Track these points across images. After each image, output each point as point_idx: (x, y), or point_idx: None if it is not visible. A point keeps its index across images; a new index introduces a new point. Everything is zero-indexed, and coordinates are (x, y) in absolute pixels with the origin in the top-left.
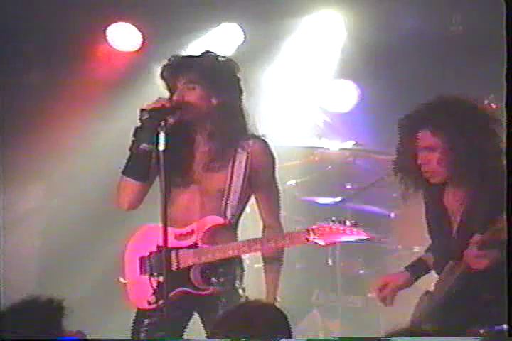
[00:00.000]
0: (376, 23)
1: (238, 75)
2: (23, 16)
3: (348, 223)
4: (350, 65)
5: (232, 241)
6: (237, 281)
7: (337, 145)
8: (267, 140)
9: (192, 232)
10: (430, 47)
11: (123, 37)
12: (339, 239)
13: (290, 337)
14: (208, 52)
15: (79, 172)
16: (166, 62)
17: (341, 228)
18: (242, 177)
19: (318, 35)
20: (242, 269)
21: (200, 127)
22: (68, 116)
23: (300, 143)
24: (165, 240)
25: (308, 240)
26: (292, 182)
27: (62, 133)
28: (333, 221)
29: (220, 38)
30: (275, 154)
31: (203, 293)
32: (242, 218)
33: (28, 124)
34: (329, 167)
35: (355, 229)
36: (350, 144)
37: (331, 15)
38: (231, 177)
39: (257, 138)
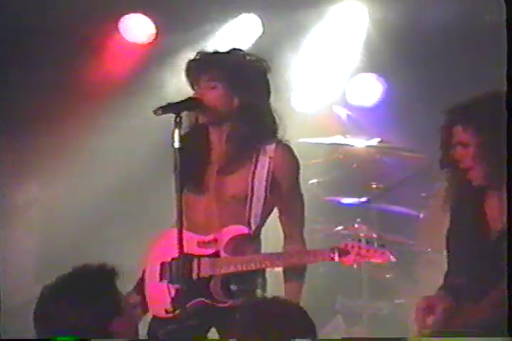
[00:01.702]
0: (403, 13)
1: (268, 76)
2: (31, 8)
3: (375, 244)
4: (375, 58)
5: (256, 252)
6: (259, 291)
7: (362, 142)
8: (291, 145)
9: (215, 240)
10: (462, 38)
11: (136, 28)
12: (365, 260)
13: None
14: (235, 49)
15: (89, 170)
16: (192, 57)
17: (369, 249)
18: (264, 183)
19: (342, 27)
20: (265, 278)
21: (218, 128)
22: (78, 111)
23: (323, 140)
24: (180, 245)
25: (333, 259)
26: (315, 181)
27: (73, 129)
28: (359, 240)
29: (238, 30)
30: (299, 160)
31: (221, 305)
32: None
33: (37, 120)
34: (354, 165)
35: (383, 252)
36: (376, 141)
37: (355, 5)
38: (252, 183)
39: (281, 142)
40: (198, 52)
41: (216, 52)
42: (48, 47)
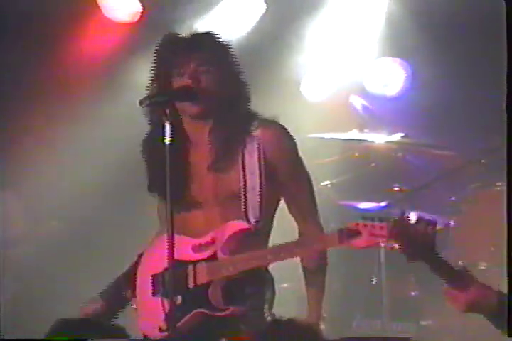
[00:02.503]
0: None
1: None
2: None
3: (384, 222)
4: (398, 40)
5: (260, 249)
6: (267, 306)
7: (383, 137)
8: (279, 122)
9: (212, 241)
10: (498, 19)
11: (119, 6)
12: (380, 241)
13: None
14: (209, 32)
15: (68, 163)
16: (164, 40)
17: (383, 226)
18: (257, 172)
19: (359, 3)
20: (273, 293)
21: (201, 121)
22: (58, 98)
23: (338, 135)
24: (171, 252)
25: (342, 242)
26: (328, 182)
27: (52, 118)
28: (372, 219)
29: (237, 8)
30: (294, 137)
31: (221, 314)
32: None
33: (11, 107)
34: (373, 164)
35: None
36: (398, 136)
37: None
38: (244, 175)
39: (267, 122)
40: (168, 35)
41: (196, 34)
42: (23, 28)
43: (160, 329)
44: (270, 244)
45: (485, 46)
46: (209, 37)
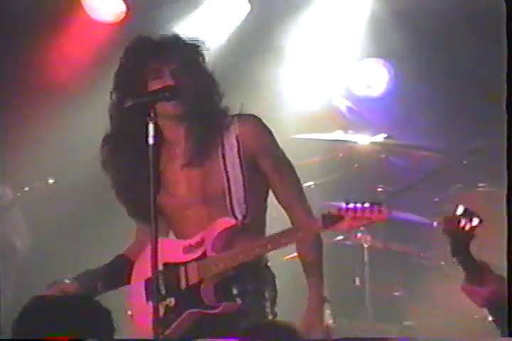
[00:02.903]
0: None
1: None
2: None
3: (370, 204)
4: (381, 40)
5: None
6: (268, 303)
7: (366, 138)
8: (254, 114)
9: (202, 241)
10: (482, 19)
11: (103, 6)
12: (363, 222)
13: None
14: (175, 34)
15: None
16: (135, 45)
17: (364, 209)
18: (238, 166)
19: (343, 3)
20: (275, 290)
21: (177, 120)
22: (39, 100)
23: (321, 136)
24: (154, 255)
25: (326, 227)
26: (311, 183)
27: (31, 122)
28: (355, 203)
29: (222, 7)
30: (271, 128)
31: (213, 311)
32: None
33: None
34: (356, 165)
35: (379, 209)
36: (381, 137)
37: None
38: (226, 171)
39: (244, 116)
40: (139, 38)
41: (166, 37)
42: (6, 28)
43: (155, 333)
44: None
45: (468, 47)
46: (178, 39)
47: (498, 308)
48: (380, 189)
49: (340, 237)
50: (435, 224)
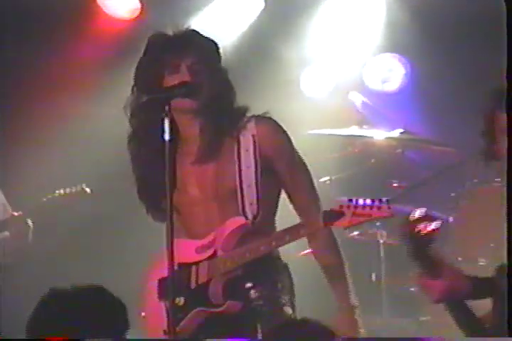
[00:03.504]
0: None
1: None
2: None
3: (371, 200)
4: (398, 36)
5: None
6: (283, 296)
7: (382, 133)
8: (272, 117)
9: (214, 241)
10: (499, 17)
11: (118, 2)
12: (364, 219)
13: None
14: (191, 29)
15: (67, 159)
16: (153, 40)
17: (365, 206)
18: (253, 166)
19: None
20: (290, 279)
21: (192, 116)
22: (56, 96)
23: (337, 131)
24: (170, 253)
25: (327, 223)
26: (327, 178)
27: (48, 117)
28: (356, 200)
29: (236, 6)
30: (288, 132)
31: (218, 310)
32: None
33: (8, 106)
34: (372, 160)
35: (379, 206)
36: (397, 132)
37: None
38: (240, 170)
39: (261, 118)
40: (155, 34)
41: (183, 33)
42: (22, 27)
43: (164, 332)
44: None
45: (484, 43)
46: (196, 34)
47: (457, 305)
48: (395, 184)
49: (356, 233)
50: (451, 219)
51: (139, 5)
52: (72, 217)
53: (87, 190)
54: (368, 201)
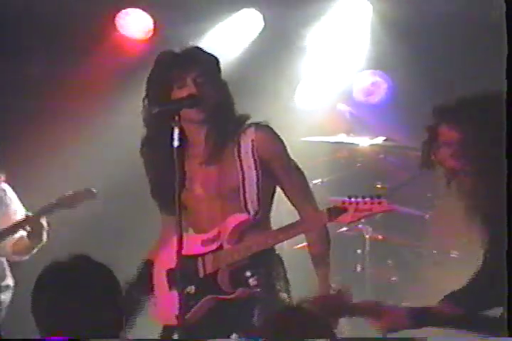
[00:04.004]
0: (409, 8)
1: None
2: (25, 4)
3: (370, 197)
4: (380, 54)
5: None
6: (278, 282)
7: (367, 141)
8: (269, 125)
9: (218, 235)
10: (471, 35)
11: (133, 24)
12: (365, 214)
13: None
14: (195, 47)
15: (84, 168)
16: (161, 57)
17: (366, 202)
18: (253, 167)
19: (346, 22)
20: (284, 268)
21: (198, 125)
22: (75, 109)
23: (327, 138)
24: (179, 246)
25: (331, 219)
26: (319, 180)
27: (68, 129)
28: (356, 197)
29: (239, 25)
30: (283, 133)
31: (229, 296)
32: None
33: (32, 120)
34: (358, 164)
35: (379, 201)
36: (380, 140)
37: (359, 0)
38: (242, 171)
39: (260, 125)
40: (164, 52)
41: (188, 50)
42: (42, 43)
43: (177, 317)
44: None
45: (453, 62)
46: (199, 51)
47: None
48: (379, 185)
49: (344, 228)
50: (427, 216)
51: (152, 26)
52: (81, 216)
53: (94, 190)
54: (368, 198)
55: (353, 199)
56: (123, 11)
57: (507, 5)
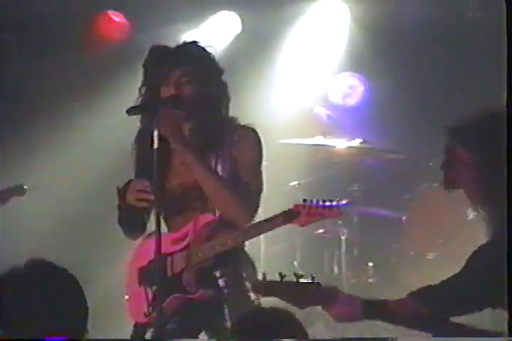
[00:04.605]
0: (385, 11)
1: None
2: (5, 3)
3: (326, 202)
4: (357, 57)
5: None
6: (247, 282)
7: (343, 143)
8: (255, 128)
9: (186, 233)
10: (445, 36)
11: (110, 25)
12: (316, 219)
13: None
14: (192, 42)
15: (64, 170)
16: (152, 52)
17: (318, 207)
18: (227, 168)
19: (323, 25)
20: (254, 268)
21: (184, 125)
22: (53, 109)
23: (304, 140)
24: (158, 246)
25: (286, 222)
26: (295, 182)
27: (46, 129)
28: (310, 200)
29: (217, 27)
30: (263, 143)
31: (192, 296)
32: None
33: (9, 118)
34: (335, 167)
35: (330, 207)
36: (357, 142)
37: (336, 2)
38: (215, 171)
39: (244, 126)
40: (154, 46)
41: (179, 46)
42: (19, 43)
43: (145, 315)
44: None
45: (430, 65)
46: (193, 47)
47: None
48: (355, 188)
49: (321, 230)
50: (404, 218)
51: (129, 28)
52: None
53: (25, 187)
54: (321, 202)
55: (307, 203)
56: (100, 12)
57: (507, 5)
